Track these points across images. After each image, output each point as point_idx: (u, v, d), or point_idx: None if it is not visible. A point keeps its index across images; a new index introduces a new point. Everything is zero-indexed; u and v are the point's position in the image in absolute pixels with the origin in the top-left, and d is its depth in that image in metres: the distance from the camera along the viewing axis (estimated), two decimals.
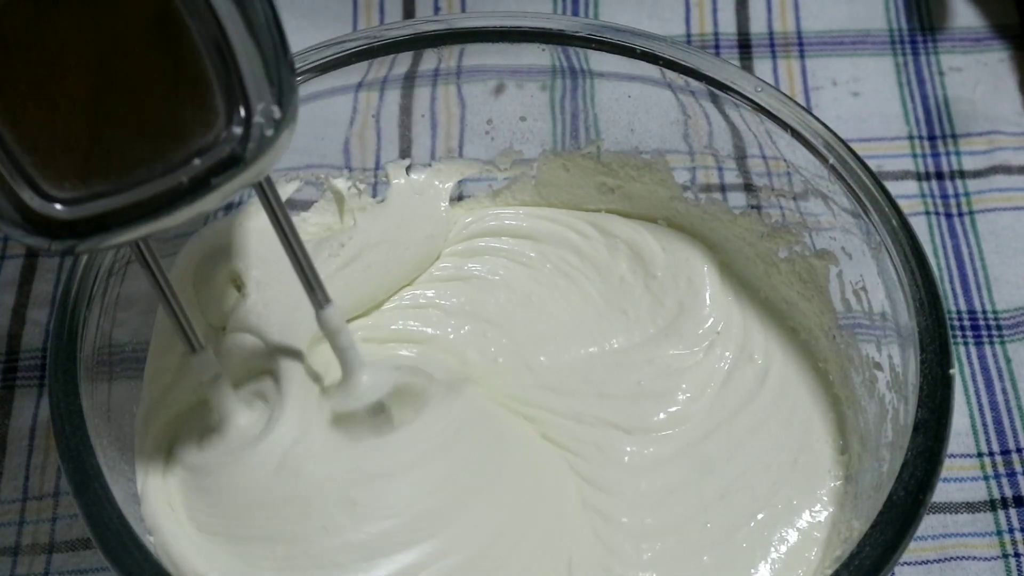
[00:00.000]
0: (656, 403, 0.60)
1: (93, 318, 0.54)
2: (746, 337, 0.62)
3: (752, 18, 0.79)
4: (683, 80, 0.60)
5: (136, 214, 0.46)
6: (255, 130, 0.46)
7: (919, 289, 0.53)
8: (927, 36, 0.78)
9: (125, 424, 0.55)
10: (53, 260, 0.70)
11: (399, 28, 0.61)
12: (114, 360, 0.56)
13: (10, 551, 0.62)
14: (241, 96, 0.45)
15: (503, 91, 0.65)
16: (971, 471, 0.64)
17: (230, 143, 0.45)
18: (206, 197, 0.46)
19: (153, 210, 0.46)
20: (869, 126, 0.75)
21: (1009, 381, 0.66)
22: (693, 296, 0.62)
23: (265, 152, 0.46)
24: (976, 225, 0.71)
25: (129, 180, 0.45)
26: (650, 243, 0.64)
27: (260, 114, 0.45)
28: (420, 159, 0.66)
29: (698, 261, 0.63)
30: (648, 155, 0.64)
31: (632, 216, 0.66)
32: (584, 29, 0.61)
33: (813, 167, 0.58)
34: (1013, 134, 0.74)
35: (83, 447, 0.50)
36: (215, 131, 0.45)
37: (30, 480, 0.64)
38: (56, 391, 0.51)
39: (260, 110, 0.45)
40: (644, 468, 0.58)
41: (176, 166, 0.45)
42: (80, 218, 0.45)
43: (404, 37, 0.61)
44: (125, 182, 0.45)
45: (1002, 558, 0.61)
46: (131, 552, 0.48)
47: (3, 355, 0.67)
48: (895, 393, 0.54)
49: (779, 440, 0.59)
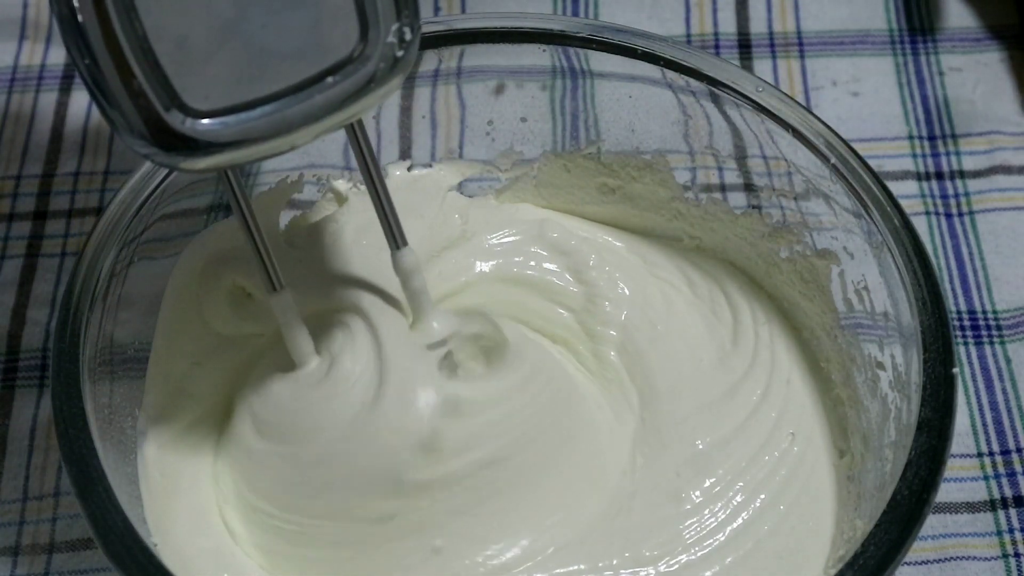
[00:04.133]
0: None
1: (95, 319, 0.54)
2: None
3: (752, 18, 0.79)
4: (684, 80, 0.61)
5: (270, 130, 0.47)
6: (387, 50, 0.47)
7: (921, 288, 0.53)
8: (927, 36, 0.79)
9: (127, 426, 0.55)
10: (53, 260, 0.70)
11: None
12: (115, 361, 0.56)
13: (10, 551, 0.62)
14: (374, 17, 0.47)
15: (503, 92, 0.65)
16: (971, 471, 0.64)
17: (363, 62, 0.47)
18: (335, 115, 0.47)
19: (286, 127, 0.47)
20: (869, 126, 0.75)
21: (1009, 381, 0.66)
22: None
23: (395, 72, 0.48)
24: (976, 225, 0.71)
25: (265, 95, 0.46)
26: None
27: (393, 34, 0.47)
28: (420, 160, 0.66)
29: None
30: (649, 155, 0.64)
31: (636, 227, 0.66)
32: (584, 29, 0.61)
33: (814, 167, 0.58)
34: (1013, 134, 0.74)
35: (86, 450, 0.50)
36: (350, 49, 0.47)
37: (30, 480, 0.63)
38: (59, 393, 0.51)
39: (393, 31, 0.47)
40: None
41: (310, 83, 0.47)
42: (217, 132, 0.46)
43: None
44: (262, 97, 0.46)
45: (1002, 558, 0.61)
46: (135, 555, 0.48)
47: (3, 355, 0.67)
48: (898, 392, 0.54)
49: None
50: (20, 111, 0.76)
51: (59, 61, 0.78)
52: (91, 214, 0.72)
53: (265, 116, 0.46)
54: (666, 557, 0.56)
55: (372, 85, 0.48)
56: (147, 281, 0.58)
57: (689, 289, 0.64)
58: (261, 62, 0.46)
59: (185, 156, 0.46)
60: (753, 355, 0.61)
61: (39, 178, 0.73)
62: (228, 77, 0.46)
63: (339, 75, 0.47)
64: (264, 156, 0.48)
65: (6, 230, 0.71)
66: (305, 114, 0.47)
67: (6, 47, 0.78)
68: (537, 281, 0.64)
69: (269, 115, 0.46)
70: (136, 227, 0.56)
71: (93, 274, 0.54)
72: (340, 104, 0.47)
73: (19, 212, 0.72)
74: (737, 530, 0.56)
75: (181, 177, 0.57)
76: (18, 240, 0.71)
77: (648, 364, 0.61)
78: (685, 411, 0.59)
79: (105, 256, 0.55)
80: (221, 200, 0.61)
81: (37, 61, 0.78)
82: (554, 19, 0.63)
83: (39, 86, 0.77)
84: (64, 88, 0.77)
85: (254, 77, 0.46)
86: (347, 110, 0.48)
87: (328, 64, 0.47)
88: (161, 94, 0.45)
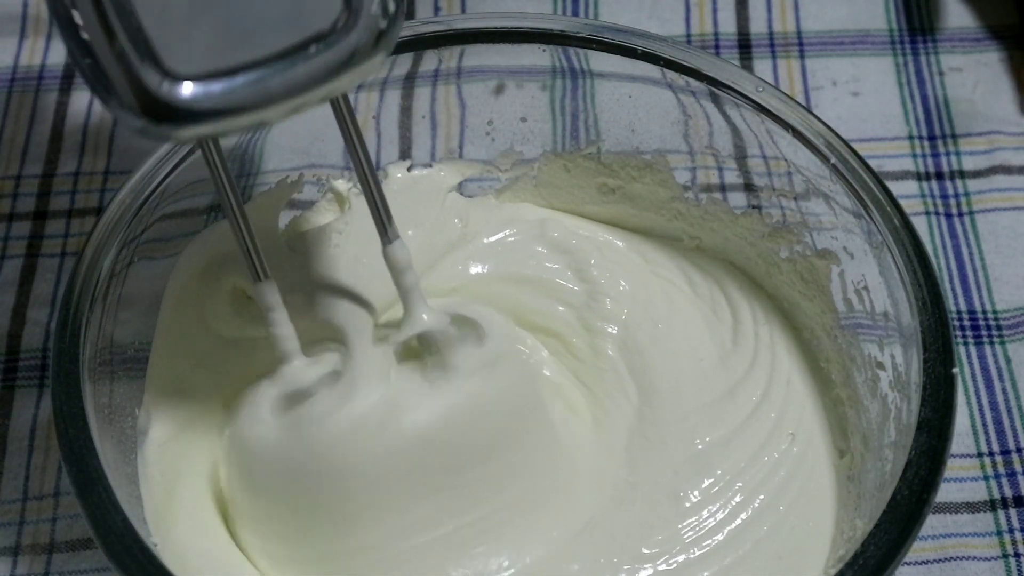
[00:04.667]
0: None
1: (95, 319, 0.54)
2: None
3: (752, 18, 0.79)
4: (684, 80, 0.61)
5: (252, 99, 0.46)
6: (370, 21, 0.47)
7: (921, 288, 0.53)
8: (927, 36, 0.78)
9: (127, 426, 0.55)
10: (53, 260, 0.70)
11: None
12: (115, 360, 0.56)
13: (10, 551, 0.62)
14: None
15: (503, 92, 0.65)
16: (971, 471, 0.64)
17: (346, 32, 0.47)
18: (317, 88, 0.47)
19: (268, 97, 0.46)
20: (869, 126, 0.75)
21: (1009, 381, 0.66)
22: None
23: (378, 48, 0.47)
24: (976, 225, 0.71)
25: (248, 61, 0.46)
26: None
27: (376, 5, 0.47)
28: (420, 160, 0.66)
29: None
30: (649, 155, 0.64)
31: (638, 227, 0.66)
32: (584, 29, 0.61)
33: (814, 167, 0.58)
34: (1013, 134, 0.74)
35: (86, 450, 0.50)
36: (333, 19, 0.47)
37: (30, 480, 0.63)
38: (59, 394, 0.51)
39: (376, 1, 0.47)
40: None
41: (293, 51, 0.46)
42: (200, 100, 0.46)
43: (404, 38, 0.61)
44: (244, 63, 0.46)
45: (1002, 558, 0.61)
46: (135, 555, 0.48)
47: (3, 355, 0.67)
48: (898, 392, 0.54)
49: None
50: (20, 111, 0.76)
51: (59, 61, 0.78)
52: (91, 214, 0.72)
53: (248, 85, 0.46)
54: (664, 556, 0.56)
55: (355, 59, 0.47)
56: (147, 281, 0.58)
57: (690, 288, 0.64)
58: (244, 28, 0.46)
59: (173, 125, 0.46)
60: (753, 355, 0.61)
61: (39, 178, 0.73)
62: (211, 42, 0.46)
63: (322, 44, 0.47)
64: (248, 126, 0.49)
65: (6, 230, 0.71)
66: (287, 85, 0.46)
67: (6, 46, 0.78)
68: (538, 279, 0.64)
69: (252, 84, 0.46)
70: (136, 227, 0.56)
71: (93, 274, 0.54)
72: (323, 77, 0.47)
73: (19, 212, 0.72)
74: (736, 530, 0.56)
75: (181, 177, 0.57)
76: (18, 240, 0.71)
77: (648, 361, 0.61)
78: (685, 410, 0.59)
79: (105, 256, 0.55)
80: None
81: (37, 61, 0.78)
82: (554, 19, 0.63)
83: (39, 86, 0.77)
84: (64, 88, 0.77)
85: (236, 43, 0.46)
86: (329, 84, 0.47)
87: (311, 33, 0.46)
88: (145, 57, 0.45)
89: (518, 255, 0.64)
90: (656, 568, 0.55)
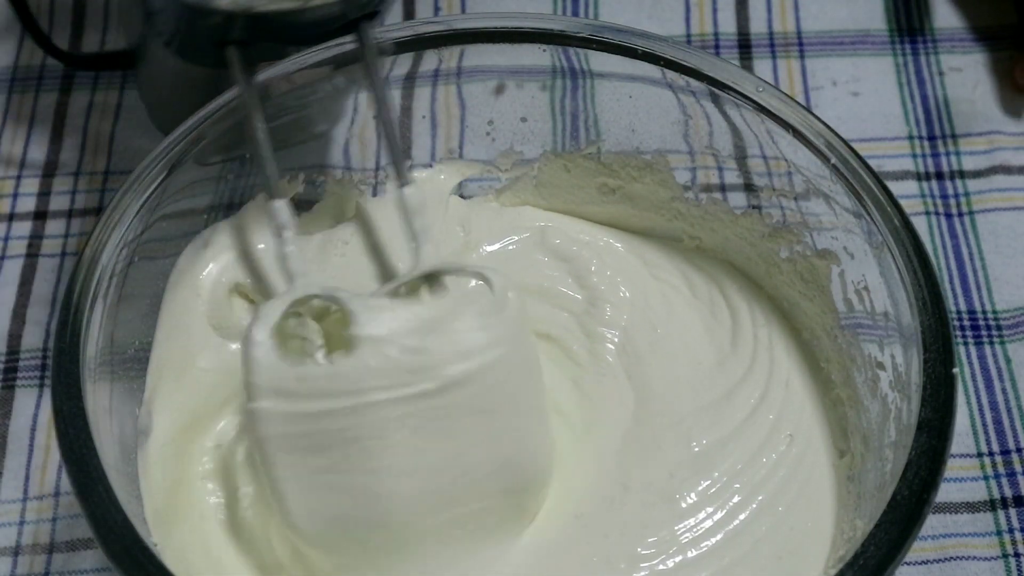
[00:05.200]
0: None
1: (95, 319, 0.54)
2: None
3: (752, 18, 0.79)
4: (684, 80, 0.60)
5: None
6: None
7: (921, 288, 0.53)
8: (927, 36, 0.79)
9: (127, 426, 0.55)
10: (53, 260, 0.70)
11: (399, 29, 0.61)
12: (115, 360, 0.55)
13: (10, 551, 0.62)
14: None
15: (503, 91, 0.65)
16: (971, 471, 0.64)
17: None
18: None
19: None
20: (869, 126, 0.75)
21: (1009, 381, 0.66)
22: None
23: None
24: (976, 225, 0.71)
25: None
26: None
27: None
28: (420, 160, 0.66)
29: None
30: (649, 155, 0.64)
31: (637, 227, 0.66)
32: (584, 29, 0.61)
33: (815, 167, 0.58)
34: (1013, 134, 0.74)
35: (86, 450, 0.50)
36: None
37: (30, 480, 0.64)
38: (59, 393, 0.51)
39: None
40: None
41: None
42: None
43: (404, 38, 0.61)
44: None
45: (1002, 558, 0.61)
46: (135, 554, 0.47)
47: (3, 355, 0.67)
48: (898, 393, 0.54)
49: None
50: (20, 111, 0.76)
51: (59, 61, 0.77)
52: (91, 214, 0.72)
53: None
54: (661, 556, 0.56)
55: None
56: (147, 281, 0.58)
57: (689, 291, 0.64)
58: None
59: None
60: (752, 358, 0.61)
61: (39, 178, 0.73)
62: None
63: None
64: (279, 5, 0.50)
65: (6, 230, 0.72)
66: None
67: (6, 47, 0.78)
68: (539, 287, 0.64)
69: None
70: (136, 227, 0.56)
71: (93, 274, 0.54)
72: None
73: (19, 212, 0.72)
74: (734, 531, 0.56)
75: (181, 177, 0.57)
76: (18, 240, 0.71)
77: (647, 366, 0.61)
78: (681, 413, 0.59)
79: (105, 256, 0.55)
80: (221, 200, 0.61)
81: (37, 61, 0.78)
82: (554, 19, 0.63)
83: (39, 86, 0.77)
84: (64, 88, 0.77)
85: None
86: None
87: None
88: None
89: (519, 263, 0.64)
90: (653, 568, 0.55)
